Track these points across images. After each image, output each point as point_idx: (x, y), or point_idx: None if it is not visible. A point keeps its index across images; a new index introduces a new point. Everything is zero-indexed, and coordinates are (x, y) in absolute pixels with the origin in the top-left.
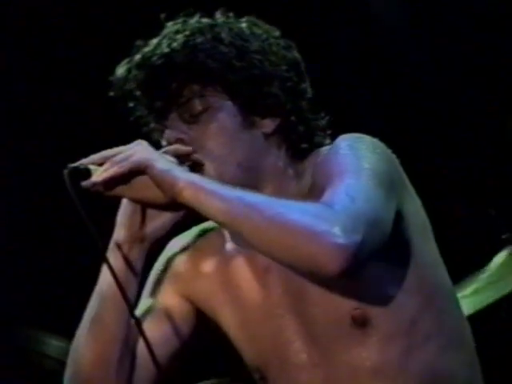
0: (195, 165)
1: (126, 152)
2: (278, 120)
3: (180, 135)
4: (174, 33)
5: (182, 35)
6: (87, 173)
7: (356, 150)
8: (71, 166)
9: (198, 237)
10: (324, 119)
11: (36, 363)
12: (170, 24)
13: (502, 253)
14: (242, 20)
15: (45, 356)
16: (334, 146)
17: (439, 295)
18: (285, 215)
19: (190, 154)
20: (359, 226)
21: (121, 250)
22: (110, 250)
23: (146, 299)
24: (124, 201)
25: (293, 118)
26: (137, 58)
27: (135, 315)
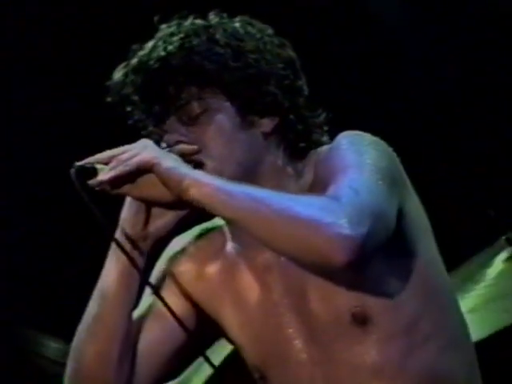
0: (196, 165)
1: (132, 150)
2: (277, 119)
3: (179, 138)
4: (169, 35)
5: (178, 38)
6: (94, 171)
7: (357, 147)
8: (78, 165)
9: (200, 236)
10: (321, 116)
11: (34, 365)
12: (164, 26)
13: (502, 255)
14: (236, 20)
15: (43, 358)
16: (335, 144)
17: (439, 295)
18: (291, 208)
19: (193, 154)
20: (365, 219)
21: (125, 246)
22: (113, 248)
23: (148, 297)
24: (128, 199)
25: (291, 117)
26: (133, 63)
27: (151, 283)
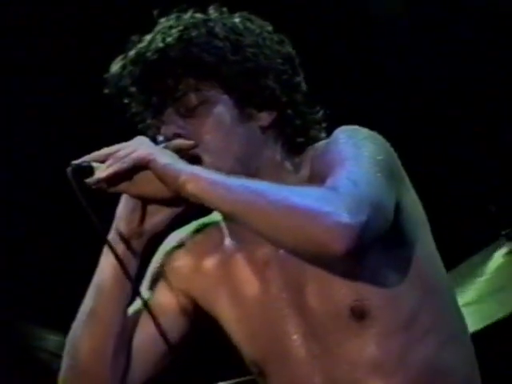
0: (193, 159)
1: (128, 148)
2: (275, 113)
3: (177, 130)
4: (168, 28)
5: (176, 30)
6: (90, 170)
7: (355, 140)
8: (74, 164)
9: (197, 231)
10: (319, 112)
11: (34, 358)
12: (164, 20)
13: (502, 250)
14: (236, 15)
15: (43, 351)
16: (333, 138)
17: (438, 290)
18: (289, 198)
19: (190, 149)
20: (364, 208)
21: (119, 244)
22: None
23: (144, 291)
24: (124, 196)
25: (289, 111)
26: (131, 54)
27: (141, 294)
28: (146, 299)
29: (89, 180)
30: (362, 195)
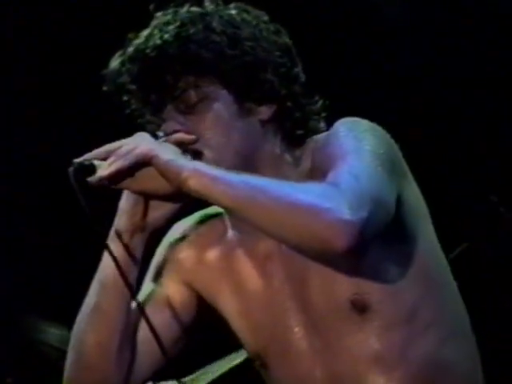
0: (194, 154)
1: (130, 144)
2: (274, 107)
3: (177, 126)
4: (166, 24)
5: (174, 26)
6: (92, 168)
7: (356, 133)
8: (76, 162)
9: (201, 223)
10: (318, 103)
11: (37, 352)
12: (160, 14)
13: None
14: (231, 6)
15: (46, 345)
16: (333, 130)
17: (439, 284)
18: (291, 195)
19: (191, 144)
20: (365, 204)
21: (121, 239)
22: (111, 239)
23: (148, 285)
24: (126, 191)
25: (289, 104)
26: (129, 51)
27: (138, 300)
28: (139, 301)
29: (91, 178)
30: (364, 190)
